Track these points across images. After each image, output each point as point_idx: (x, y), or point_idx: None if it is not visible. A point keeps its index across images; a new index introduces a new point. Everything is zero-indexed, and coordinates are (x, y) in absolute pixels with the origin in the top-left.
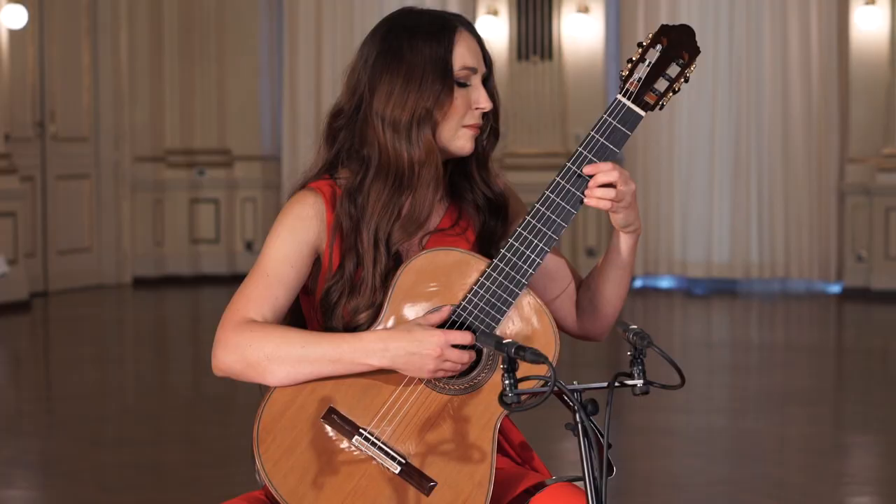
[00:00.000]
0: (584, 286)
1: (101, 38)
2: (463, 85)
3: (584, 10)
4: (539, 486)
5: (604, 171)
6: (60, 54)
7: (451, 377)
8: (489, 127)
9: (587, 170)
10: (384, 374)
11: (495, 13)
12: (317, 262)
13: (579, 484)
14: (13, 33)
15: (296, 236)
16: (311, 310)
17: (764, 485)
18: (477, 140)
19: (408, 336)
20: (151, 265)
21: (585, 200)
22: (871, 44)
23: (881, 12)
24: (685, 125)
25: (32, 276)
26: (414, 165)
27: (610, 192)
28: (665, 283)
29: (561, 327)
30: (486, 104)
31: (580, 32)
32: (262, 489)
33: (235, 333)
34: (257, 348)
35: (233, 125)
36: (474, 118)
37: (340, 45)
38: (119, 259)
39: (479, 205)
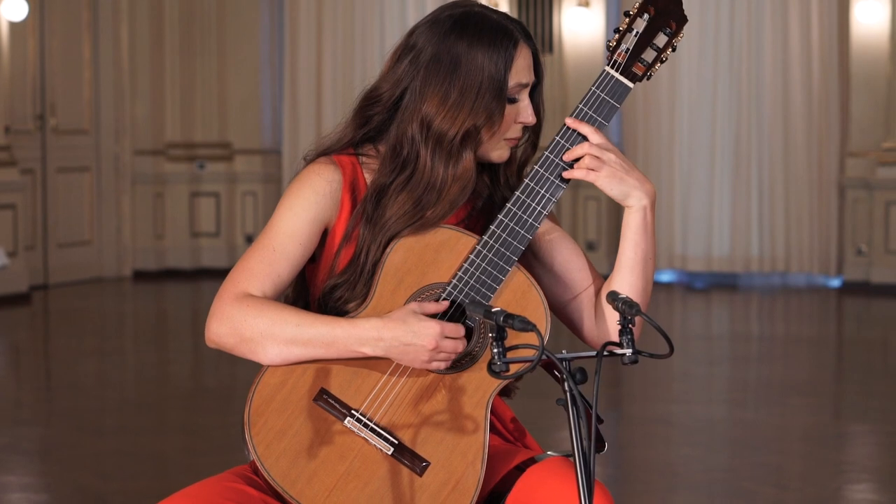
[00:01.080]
0: (604, 288)
1: (102, 31)
2: (513, 101)
3: (585, 3)
4: (531, 461)
5: (577, 147)
6: (61, 47)
7: None
8: (527, 137)
9: (566, 156)
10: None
11: (495, 6)
12: (325, 233)
13: (570, 459)
14: (14, 26)
15: (308, 211)
16: (313, 277)
17: (763, 473)
18: (512, 149)
19: (403, 326)
20: (152, 258)
21: (563, 173)
22: (872, 37)
23: (882, 6)
24: (685, 119)
25: (33, 268)
26: (447, 181)
27: (582, 161)
28: (665, 277)
29: (577, 334)
30: (531, 120)
31: (580, 26)
32: (249, 463)
33: (232, 306)
34: (252, 324)
35: (233, 119)
36: (517, 132)
37: (341, 38)
38: (119, 252)
39: (495, 205)
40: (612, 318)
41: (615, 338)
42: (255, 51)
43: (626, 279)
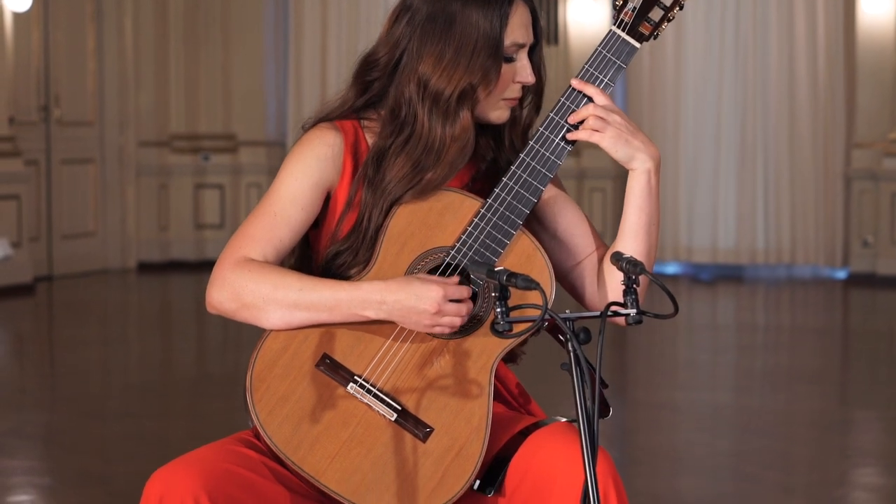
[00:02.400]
0: (608, 253)
1: (107, 22)
2: (510, 60)
3: None
4: (534, 427)
5: (582, 108)
6: (65, 38)
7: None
8: (531, 99)
9: (571, 118)
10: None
11: None
12: (327, 198)
13: (575, 425)
14: (18, 16)
15: (309, 176)
16: (316, 243)
17: (768, 457)
18: (513, 110)
19: (406, 289)
20: (156, 250)
21: (568, 135)
22: (878, 28)
23: None
24: (691, 110)
25: (37, 259)
26: (446, 140)
27: (587, 122)
28: (671, 268)
29: (580, 301)
30: (529, 79)
31: (587, 18)
32: (251, 429)
33: (232, 272)
34: (253, 289)
35: (238, 110)
36: (516, 91)
37: (346, 29)
38: (123, 244)
39: (500, 168)
40: (615, 285)
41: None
42: (260, 42)
43: (630, 244)
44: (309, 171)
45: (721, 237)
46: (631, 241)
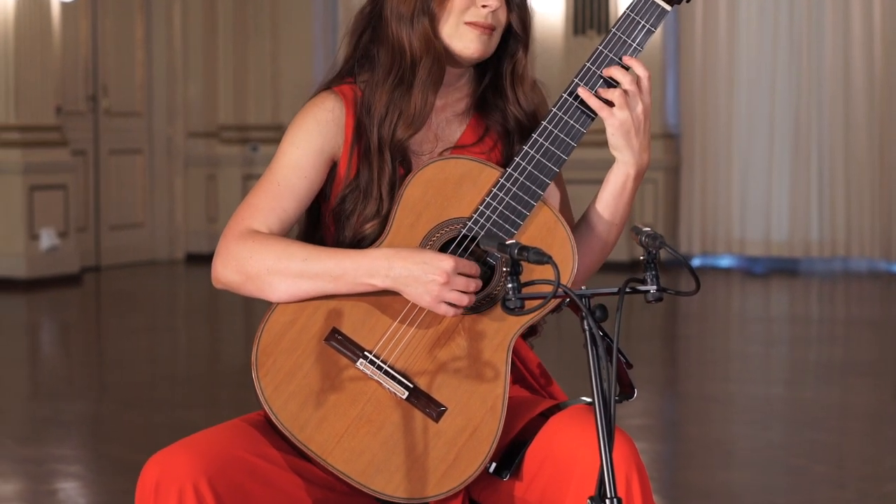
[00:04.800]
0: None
1: (155, 11)
2: None
3: None
4: (555, 409)
5: (621, 71)
6: (113, 28)
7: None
8: (520, 42)
9: (604, 71)
10: (392, 292)
11: None
12: (333, 168)
13: None
14: (66, 6)
15: (311, 143)
16: (326, 216)
17: (820, 450)
18: (506, 52)
19: (414, 256)
20: (204, 241)
21: (583, 95)
22: None
23: None
24: (744, 100)
25: (84, 250)
26: (415, 61)
27: (612, 92)
28: (724, 262)
29: None
30: (491, 1)
31: None
32: (261, 410)
33: (237, 244)
34: (258, 261)
35: (286, 101)
36: (477, 15)
37: None
38: (172, 235)
39: (510, 127)
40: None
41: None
42: (309, 32)
43: (584, 235)
44: (310, 139)
45: (774, 230)
46: (585, 233)
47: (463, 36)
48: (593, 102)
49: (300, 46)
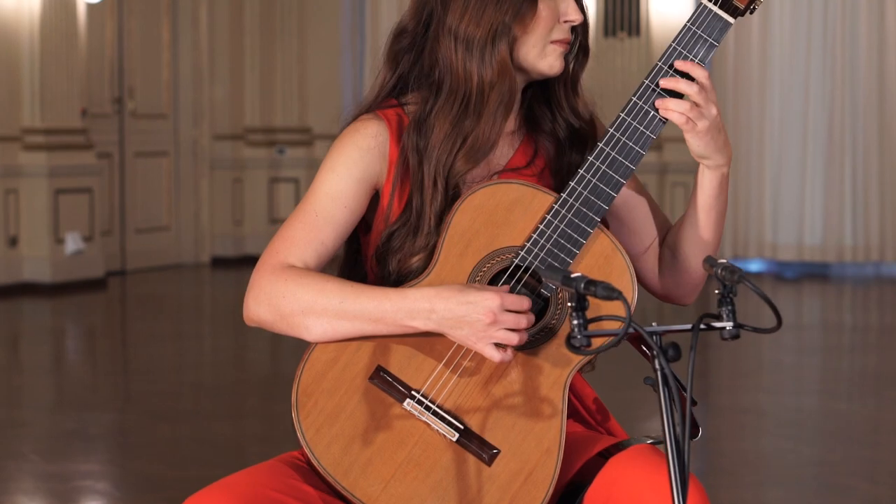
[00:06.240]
0: (668, 238)
1: (181, 13)
2: None
3: None
4: (615, 448)
5: (682, 81)
6: (139, 29)
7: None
8: (577, 44)
9: (664, 83)
10: None
11: None
12: (374, 196)
13: (661, 447)
14: (91, 7)
15: (353, 171)
16: (368, 251)
17: (855, 465)
18: (565, 59)
19: (458, 296)
20: (230, 245)
21: (660, 110)
22: None
23: None
24: (777, 103)
25: (109, 254)
26: (484, 87)
27: (683, 105)
28: (755, 266)
29: (644, 286)
30: (575, 16)
31: (668, 8)
32: (300, 450)
33: (270, 280)
34: (292, 300)
35: (313, 103)
36: (563, 32)
37: None
38: (197, 238)
39: (561, 136)
40: (674, 265)
41: (678, 292)
42: (336, 34)
43: (695, 241)
44: (351, 165)
45: (807, 234)
46: (695, 238)
47: (549, 55)
48: (673, 117)
49: (327, 48)
